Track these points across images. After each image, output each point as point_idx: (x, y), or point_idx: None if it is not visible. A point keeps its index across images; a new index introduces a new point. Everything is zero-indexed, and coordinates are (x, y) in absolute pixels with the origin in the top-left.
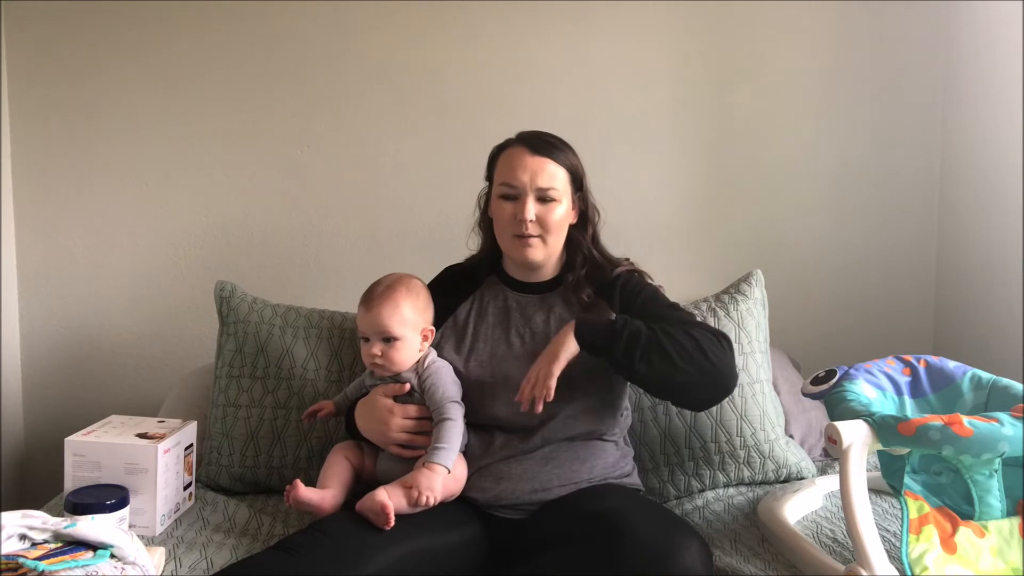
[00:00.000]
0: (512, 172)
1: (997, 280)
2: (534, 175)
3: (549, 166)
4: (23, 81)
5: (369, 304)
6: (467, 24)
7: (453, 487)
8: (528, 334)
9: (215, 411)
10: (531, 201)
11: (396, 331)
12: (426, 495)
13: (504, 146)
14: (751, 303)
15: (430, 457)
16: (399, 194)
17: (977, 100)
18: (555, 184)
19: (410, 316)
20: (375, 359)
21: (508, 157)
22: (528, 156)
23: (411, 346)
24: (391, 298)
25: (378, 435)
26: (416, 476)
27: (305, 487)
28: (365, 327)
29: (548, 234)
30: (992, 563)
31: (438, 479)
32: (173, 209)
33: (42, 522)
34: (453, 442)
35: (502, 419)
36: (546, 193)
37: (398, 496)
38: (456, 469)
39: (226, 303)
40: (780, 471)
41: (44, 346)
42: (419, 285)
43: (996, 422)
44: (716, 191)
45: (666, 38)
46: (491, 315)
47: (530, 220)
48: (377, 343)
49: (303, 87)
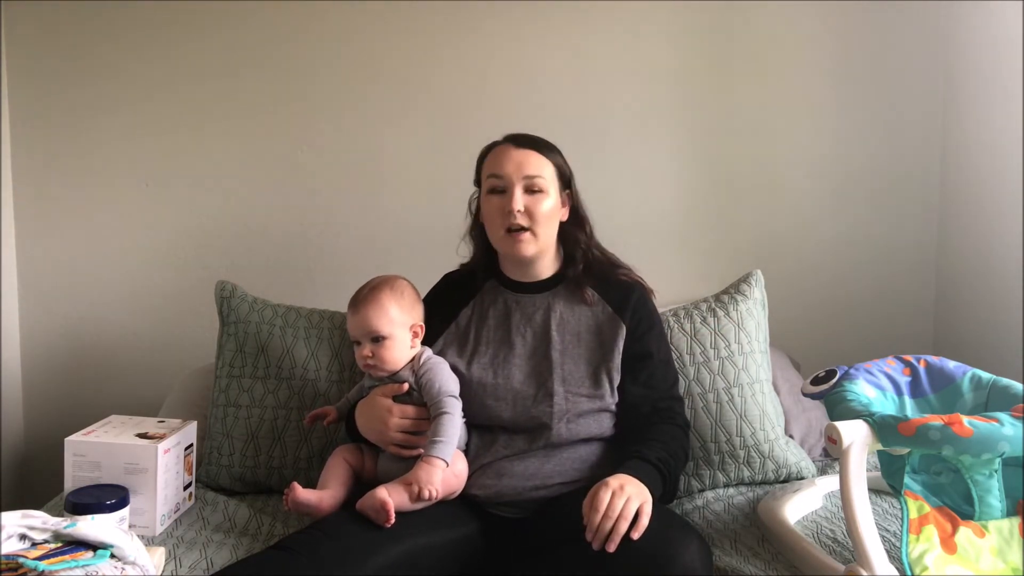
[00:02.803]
0: (499, 164)
1: (997, 280)
2: (519, 165)
3: (534, 157)
4: (23, 81)
5: (356, 307)
6: (467, 24)
7: (454, 483)
8: (530, 333)
9: (215, 411)
10: (519, 191)
11: (384, 330)
12: (426, 489)
13: (491, 146)
14: (751, 303)
15: (428, 451)
16: (399, 194)
17: (977, 100)
18: (542, 173)
19: (396, 314)
20: (367, 360)
21: (494, 154)
22: (513, 149)
23: (401, 344)
24: (375, 299)
25: (377, 435)
26: (415, 471)
27: (303, 489)
28: (354, 330)
29: (538, 226)
30: (992, 563)
31: (437, 472)
32: (173, 209)
33: (42, 522)
34: (450, 436)
35: (506, 420)
36: (533, 182)
37: (399, 494)
38: (456, 465)
39: (227, 303)
40: (780, 471)
41: (44, 346)
42: (404, 283)
43: (996, 422)
44: (716, 191)
45: (666, 38)
46: (492, 318)
47: (518, 210)
48: (367, 344)
49: (302, 87)
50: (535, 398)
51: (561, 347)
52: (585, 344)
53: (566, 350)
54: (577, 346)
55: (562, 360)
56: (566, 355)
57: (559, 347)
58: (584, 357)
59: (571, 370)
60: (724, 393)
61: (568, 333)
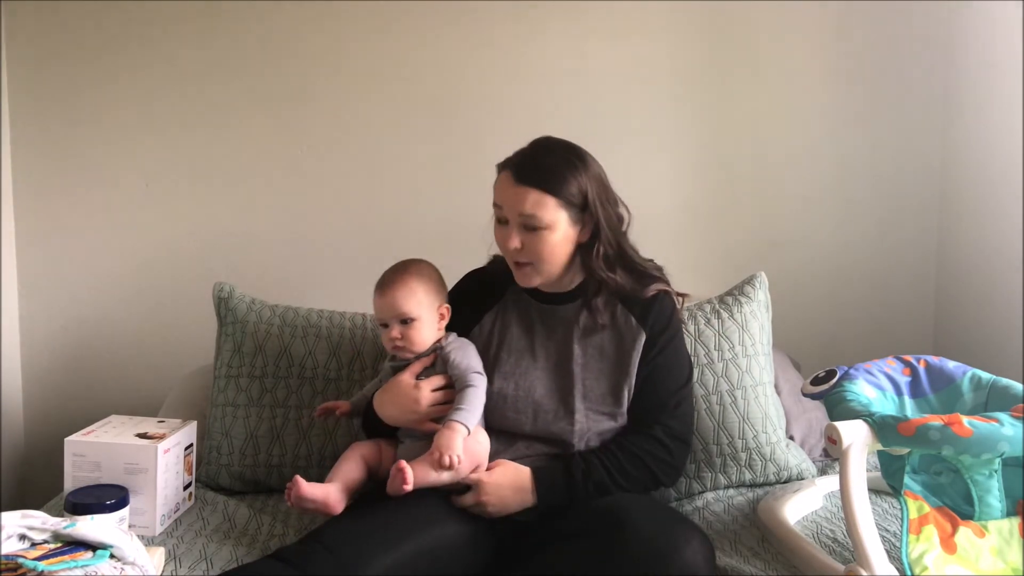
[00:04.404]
0: (499, 195)
1: (997, 280)
2: (516, 204)
3: (531, 195)
4: (23, 81)
5: (383, 290)
6: (466, 24)
7: (478, 452)
8: (552, 346)
9: (214, 411)
10: (516, 229)
11: (412, 312)
12: (447, 454)
13: (501, 165)
14: (755, 305)
15: (450, 416)
16: (398, 195)
17: (977, 100)
18: (539, 213)
19: (424, 296)
20: (396, 342)
21: (498, 181)
22: (511, 184)
23: (429, 325)
24: (403, 281)
25: (409, 413)
26: (436, 437)
27: (307, 483)
28: (382, 312)
29: (539, 261)
30: (992, 563)
31: (458, 437)
32: (172, 210)
33: (42, 522)
34: (475, 405)
35: (526, 432)
36: (530, 221)
37: (423, 467)
38: (480, 435)
39: (224, 304)
40: (781, 473)
41: (44, 346)
42: (429, 266)
43: (996, 422)
44: (716, 191)
45: (667, 38)
46: (515, 326)
47: (515, 248)
48: (396, 326)
49: (302, 88)
50: (556, 413)
51: (583, 361)
52: (608, 358)
53: (588, 364)
54: (600, 360)
55: (584, 375)
56: (588, 369)
57: (581, 360)
58: (605, 372)
59: (592, 386)
60: (727, 395)
61: (591, 347)
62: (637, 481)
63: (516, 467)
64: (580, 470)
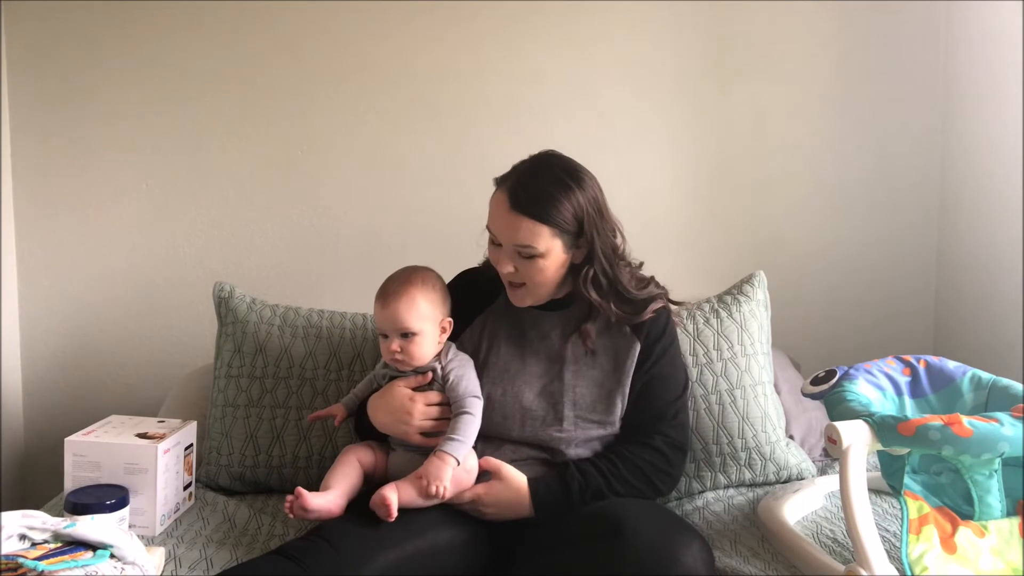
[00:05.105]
0: (493, 222)
1: (997, 280)
2: (510, 235)
3: (525, 224)
4: (23, 81)
5: (385, 300)
6: (466, 24)
7: (465, 479)
8: (544, 352)
9: (214, 411)
10: (507, 255)
11: (414, 326)
12: (435, 484)
13: (498, 182)
14: (754, 304)
15: (442, 446)
16: (398, 195)
17: (977, 100)
18: (531, 242)
19: (426, 309)
20: (395, 355)
21: (493, 201)
22: (506, 211)
23: (430, 339)
24: (406, 293)
25: (400, 425)
26: (426, 465)
27: (311, 495)
28: (383, 324)
29: (532, 284)
30: (992, 563)
31: (447, 469)
32: (172, 209)
33: (42, 522)
34: (468, 435)
35: (514, 437)
36: (524, 251)
37: (409, 490)
38: (468, 462)
39: (224, 304)
40: (781, 473)
41: (44, 346)
42: (434, 276)
43: (996, 422)
44: (716, 191)
45: (666, 39)
46: (506, 330)
47: (508, 271)
48: (396, 339)
49: (302, 88)
50: (544, 420)
51: (575, 367)
52: (600, 366)
53: (580, 371)
54: (592, 367)
55: (575, 382)
56: (579, 376)
57: (572, 367)
58: (598, 380)
59: (583, 393)
60: (727, 395)
61: (583, 353)
62: (636, 491)
63: (514, 484)
64: (578, 482)
